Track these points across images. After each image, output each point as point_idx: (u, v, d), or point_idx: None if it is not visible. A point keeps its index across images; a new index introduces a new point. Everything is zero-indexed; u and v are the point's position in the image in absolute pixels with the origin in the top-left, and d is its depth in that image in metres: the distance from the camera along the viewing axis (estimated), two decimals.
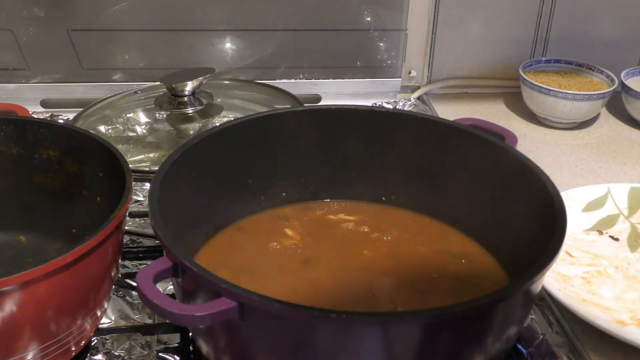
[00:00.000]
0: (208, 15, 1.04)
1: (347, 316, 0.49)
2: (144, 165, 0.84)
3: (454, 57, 1.14)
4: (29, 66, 1.04)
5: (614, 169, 0.99)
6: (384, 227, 0.75)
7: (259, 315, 0.50)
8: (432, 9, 1.09)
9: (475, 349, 0.54)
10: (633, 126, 1.10)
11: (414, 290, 0.66)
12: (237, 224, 0.74)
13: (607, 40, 1.14)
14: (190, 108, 0.88)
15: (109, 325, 0.69)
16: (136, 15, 1.03)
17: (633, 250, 0.81)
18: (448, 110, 1.12)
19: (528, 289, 0.54)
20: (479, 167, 0.70)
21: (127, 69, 1.06)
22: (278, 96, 0.99)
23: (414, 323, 0.50)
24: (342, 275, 0.68)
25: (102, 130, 0.90)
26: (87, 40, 1.03)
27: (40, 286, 0.54)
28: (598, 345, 0.69)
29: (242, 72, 1.08)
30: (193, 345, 0.66)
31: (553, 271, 0.75)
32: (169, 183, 0.63)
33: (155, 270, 0.53)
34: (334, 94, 1.11)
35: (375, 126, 0.75)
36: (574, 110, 1.05)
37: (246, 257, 0.70)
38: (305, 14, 1.06)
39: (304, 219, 0.75)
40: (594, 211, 0.85)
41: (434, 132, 0.73)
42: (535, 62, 1.12)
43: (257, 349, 0.53)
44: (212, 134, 0.70)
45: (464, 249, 0.72)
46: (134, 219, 0.81)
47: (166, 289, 0.72)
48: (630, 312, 0.71)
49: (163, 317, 0.50)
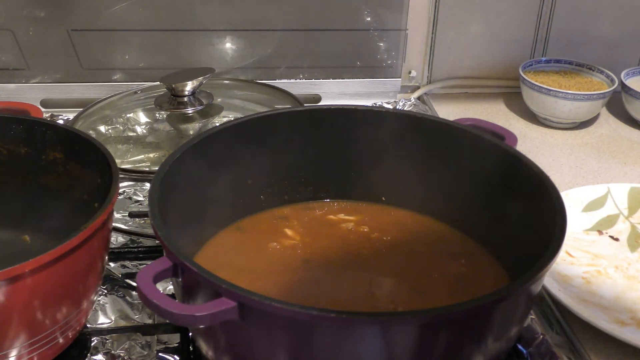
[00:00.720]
0: (208, 15, 1.04)
1: (347, 316, 0.49)
2: (144, 165, 0.84)
3: (454, 57, 1.14)
4: (29, 66, 1.04)
5: (614, 169, 0.99)
6: (384, 227, 0.75)
7: (259, 315, 0.50)
8: (432, 9, 1.09)
9: (475, 349, 0.54)
10: (633, 126, 1.10)
11: (414, 290, 0.66)
12: (237, 224, 0.74)
13: (607, 40, 1.14)
14: (190, 108, 0.88)
15: (109, 325, 0.69)
16: (136, 15, 1.03)
17: (633, 250, 0.81)
18: (448, 110, 1.12)
19: (528, 289, 0.54)
20: (479, 167, 0.70)
21: (127, 69, 1.06)
22: (278, 96, 0.99)
23: (414, 323, 0.50)
24: (342, 275, 0.68)
25: (102, 130, 0.90)
26: (87, 40, 1.03)
27: (27, 282, 0.54)
28: (598, 345, 0.69)
29: (242, 72, 1.08)
30: (193, 345, 0.66)
31: (553, 271, 0.75)
32: (169, 183, 0.63)
33: (155, 270, 0.53)
34: (334, 94, 1.11)
35: (375, 126, 0.75)
36: (574, 110, 1.05)
37: (246, 257, 0.70)
38: (305, 14, 1.06)
39: (304, 219, 0.75)
40: (594, 211, 0.85)
41: (434, 132, 0.73)
42: (535, 62, 1.12)
43: (257, 349, 0.53)
44: (212, 134, 0.70)
45: (464, 249, 0.72)
46: (134, 219, 0.81)
47: (166, 289, 0.72)
48: (630, 312, 0.71)
49: (163, 317, 0.50)
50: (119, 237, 0.80)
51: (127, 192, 0.87)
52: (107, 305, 0.71)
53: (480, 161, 0.70)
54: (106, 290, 0.73)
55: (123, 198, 0.86)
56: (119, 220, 0.81)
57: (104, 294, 0.72)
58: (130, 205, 0.85)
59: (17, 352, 0.58)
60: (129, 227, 0.81)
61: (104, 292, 0.72)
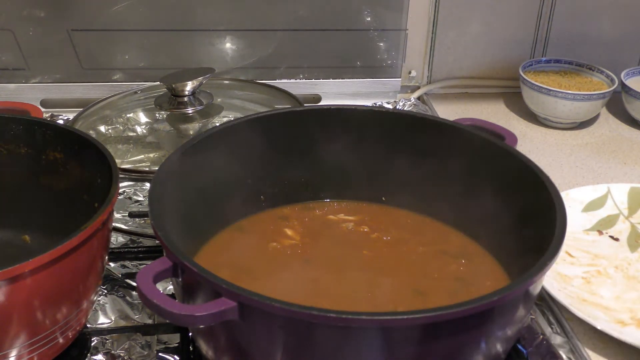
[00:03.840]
0: (208, 15, 1.04)
1: (347, 316, 0.49)
2: (144, 165, 0.84)
3: (454, 57, 1.14)
4: (29, 66, 1.04)
5: (614, 169, 0.99)
6: (384, 227, 0.75)
7: (259, 315, 0.50)
8: (432, 9, 1.09)
9: (475, 349, 0.54)
10: (633, 126, 1.10)
11: (414, 290, 0.66)
12: (237, 224, 0.73)
13: (607, 40, 1.14)
14: (190, 108, 0.88)
15: (109, 325, 0.69)
16: (136, 15, 1.03)
17: (633, 250, 0.81)
18: (448, 110, 1.12)
19: (528, 289, 0.54)
20: (479, 167, 0.70)
21: (127, 69, 1.06)
22: (278, 96, 0.99)
23: (414, 323, 0.50)
24: (342, 275, 0.68)
25: (102, 130, 0.90)
26: (87, 40, 1.03)
27: (27, 282, 0.54)
28: (598, 345, 0.69)
29: (242, 72, 1.08)
30: (193, 345, 0.66)
31: (553, 271, 0.75)
32: (169, 183, 0.63)
33: (155, 270, 0.53)
34: (334, 94, 1.11)
35: (375, 126, 0.75)
36: (574, 110, 1.05)
37: (246, 257, 0.70)
38: (305, 14, 1.06)
39: (304, 219, 0.75)
40: (594, 211, 0.85)
41: (434, 132, 0.73)
42: (535, 62, 1.12)
43: (257, 349, 0.53)
44: (212, 134, 0.70)
45: (464, 249, 0.71)
46: (134, 219, 0.81)
47: (166, 289, 0.72)
48: (630, 312, 0.72)
49: (163, 317, 0.50)
50: (119, 237, 0.80)
51: (127, 192, 0.87)
52: (107, 305, 0.71)
53: (480, 161, 0.70)
54: (106, 290, 0.73)
55: (123, 198, 0.86)
56: (119, 220, 0.81)
57: (104, 294, 0.72)
58: (130, 205, 0.85)
59: (17, 352, 0.58)
60: (129, 227, 0.81)
61: (104, 292, 0.72)
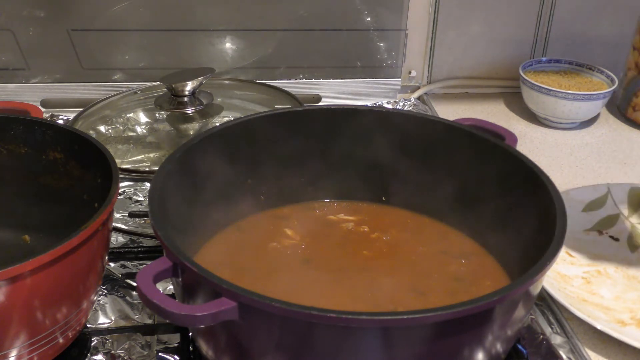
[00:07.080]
0: (208, 15, 1.04)
1: (347, 316, 0.49)
2: (144, 165, 0.84)
3: (454, 57, 1.14)
4: (29, 66, 1.04)
5: (614, 169, 0.99)
6: (384, 227, 0.75)
7: (259, 315, 0.50)
8: (432, 9, 1.09)
9: (475, 349, 0.54)
10: (633, 126, 1.10)
11: (414, 290, 0.66)
12: (237, 224, 0.73)
13: (607, 40, 1.14)
14: (190, 108, 0.88)
15: (109, 325, 0.69)
16: (136, 15, 1.03)
17: (633, 250, 0.81)
18: (448, 110, 1.12)
19: (528, 289, 0.54)
20: (479, 167, 0.70)
21: (127, 69, 1.06)
22: (278, 96, 0.99)
23: (414, 323, 0.50)
24: (342, 275, 0.68)
25: (102, 130, 0.90)
26: (87, 40, 1.03)
27: (27, 282, 0.54)
28: (598, 345, 0.69)
29: (242, 72, 1.08)
30: (193, 345, 0.66)
31: (553, 271, 0.75)
32: (169, 183, 0.63)
33: (155, 270, 0.53)
34: (334, 94, 1.11)
35: (375, 126, 0.75)
36: (574, 110, 1.05)
37: (246, 257, 0.70)
38: (305, 14, 1.06)
39: (304, 219, 0.75)
40: (594, 211, 0.85)
41: (434, 132, 0.73)
42: (535, 62, 1.12)
43: (257, 349, 0.53)
44: (212, 134, 0.70)
45: (464, 249, 0.72)
46: (134, 219, 0.81)
47: (166, 289, 0.72)
48: (630, 312, 0.72)
49: (163, 317, 0.51)
50: (119, 237, 0.80)
51: (127, 192, 0.87)
52: (107, 305, 0.71)
53: (480, 161, 0.70)
54: (106, 290, 0.73)
55: (123, 198, 0.86)
56: (119, 220, 0.81)
57: (104, 294, 0.72)
58: (130, 205, 0.85)
59: (17, 352, 0.58)
60: (129, 227, 0.81)
61: (104, 292, 0.72)
